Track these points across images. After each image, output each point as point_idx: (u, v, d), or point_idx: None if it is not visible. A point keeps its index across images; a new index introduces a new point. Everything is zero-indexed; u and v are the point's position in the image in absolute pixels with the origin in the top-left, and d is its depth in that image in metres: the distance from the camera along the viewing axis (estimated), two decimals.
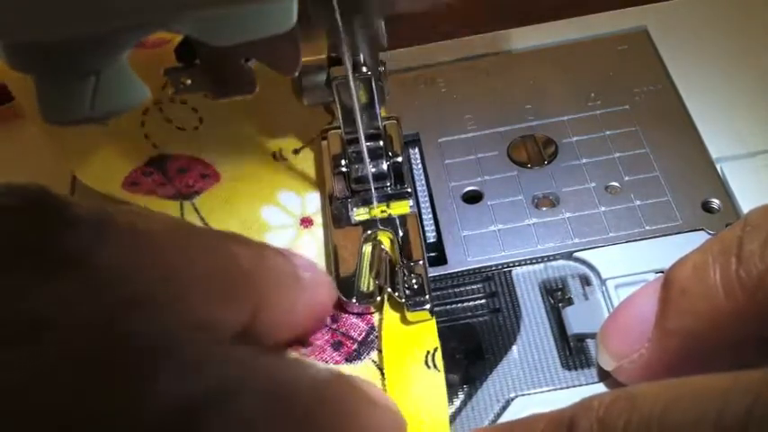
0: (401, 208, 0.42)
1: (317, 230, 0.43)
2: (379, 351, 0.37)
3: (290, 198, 0.44)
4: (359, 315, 0.39)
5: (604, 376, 0.35)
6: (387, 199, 0.42)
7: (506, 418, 0.35)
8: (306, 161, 0.45)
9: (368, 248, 0.40)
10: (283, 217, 0.43)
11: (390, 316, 0.38)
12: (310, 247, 0.42)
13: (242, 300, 0.30)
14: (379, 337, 0.38)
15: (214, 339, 0.27)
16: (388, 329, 0.37)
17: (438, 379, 0.35)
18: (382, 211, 0.41)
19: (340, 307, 0.39)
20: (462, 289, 0.39)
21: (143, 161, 0.45)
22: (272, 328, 0.31)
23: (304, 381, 0.28)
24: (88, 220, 0.26)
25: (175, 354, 0.25)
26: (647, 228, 0.40)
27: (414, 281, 0.38)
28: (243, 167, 0.45)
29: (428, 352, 0.36)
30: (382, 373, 0.36)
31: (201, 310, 0.28)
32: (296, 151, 0.46)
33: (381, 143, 0.42)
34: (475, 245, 0.41)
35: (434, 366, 0.36)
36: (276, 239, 0.42)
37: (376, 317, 0.39)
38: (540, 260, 0.40)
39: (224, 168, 0.45)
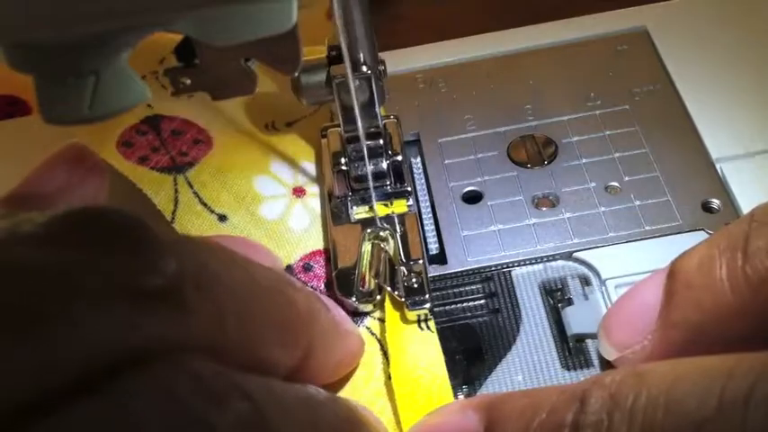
0: (400, 207, 0.42)
1: (310, 200, 0.43)
2: (381, 321, 0.38)
3: (283, 168, 0.44)
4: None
5: None
6: (386, 197, 0.42)
7: None
8: (299, 134, 0.46)
9: (367, 247, 0.40)
10: (276, 187, 0.43)
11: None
12: (302, 217, 0.42)
13: (296, 345, 0.30)
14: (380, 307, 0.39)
15: None
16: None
17: (432, 338, 0.36)
18: (382, 211, 0.42)
19: (338, 304, 0.39)
20: (462, 289, 0.39)
21: (138, 119, 0.45)
22: (314, 373, 0.32)
23: None
24: (171, 253, 0.26)
25: None
26: (647, 228, 0.40)
27: (413, 280, 0.38)
28: (236, 134, 0.45)
29: (419, 318, 0.37)
30: (377, 339, 0.38)
31: (263, 351, 0.28)
32: (289, 124, 0.46)
33: (381, 142, 0.42)
34: (475, 245, 0.41)
35: (428, 328, 0.37)
36: (269, 210, 0.42)
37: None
38: (539, 260, 0.40)
39: (217, 134, 0.45)
